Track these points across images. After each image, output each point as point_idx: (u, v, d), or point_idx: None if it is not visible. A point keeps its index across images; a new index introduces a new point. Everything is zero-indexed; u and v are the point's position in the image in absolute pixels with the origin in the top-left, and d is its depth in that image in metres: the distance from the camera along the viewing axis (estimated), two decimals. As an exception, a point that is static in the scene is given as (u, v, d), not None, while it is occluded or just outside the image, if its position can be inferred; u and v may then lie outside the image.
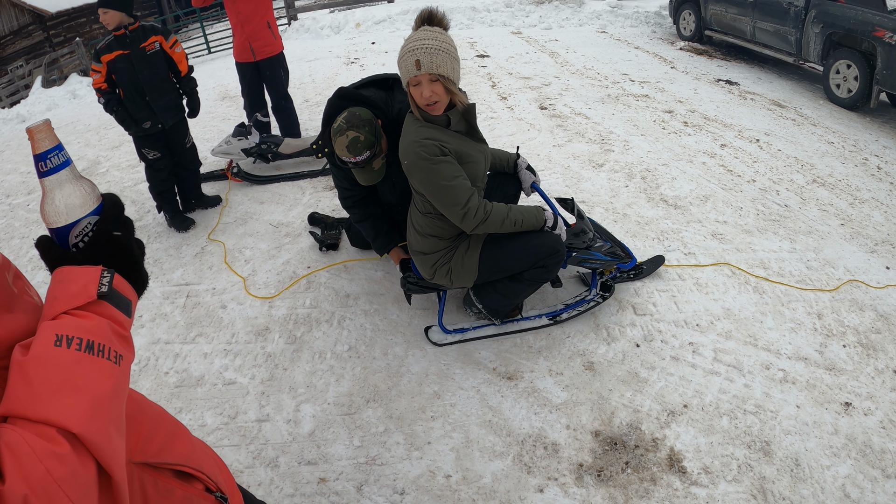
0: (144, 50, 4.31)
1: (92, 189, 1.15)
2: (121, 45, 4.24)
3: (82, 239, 1.12)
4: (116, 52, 4.23)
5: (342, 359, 3.40)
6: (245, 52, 5.66)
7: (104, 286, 1.03)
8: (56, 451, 0.84)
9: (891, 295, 3.90)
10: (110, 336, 1.00)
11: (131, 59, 4.28)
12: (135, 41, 4.27)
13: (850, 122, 7.15)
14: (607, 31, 11.55)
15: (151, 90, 4.39)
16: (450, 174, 2.80)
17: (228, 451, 2.90)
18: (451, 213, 2.87)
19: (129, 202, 5.30)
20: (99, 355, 0.96)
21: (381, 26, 12.31)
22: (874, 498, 2.62)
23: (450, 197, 2.82)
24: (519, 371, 3.25)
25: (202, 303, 3.96)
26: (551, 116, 6.85)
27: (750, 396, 3.09)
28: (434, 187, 2.81)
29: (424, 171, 2.79)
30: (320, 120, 6.82)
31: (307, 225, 4.69)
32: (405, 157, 2.86)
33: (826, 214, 4.82)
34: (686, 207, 4.81)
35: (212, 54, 12.79)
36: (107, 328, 1.00)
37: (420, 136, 2.79)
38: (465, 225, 2.88)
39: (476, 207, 2.84)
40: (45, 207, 1.11)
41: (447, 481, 2.70)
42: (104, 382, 0.95)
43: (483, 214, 2.86)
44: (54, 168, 1.10)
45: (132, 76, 4.31)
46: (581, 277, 3.92)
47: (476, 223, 2.86)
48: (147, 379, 3.37)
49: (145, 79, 4.35)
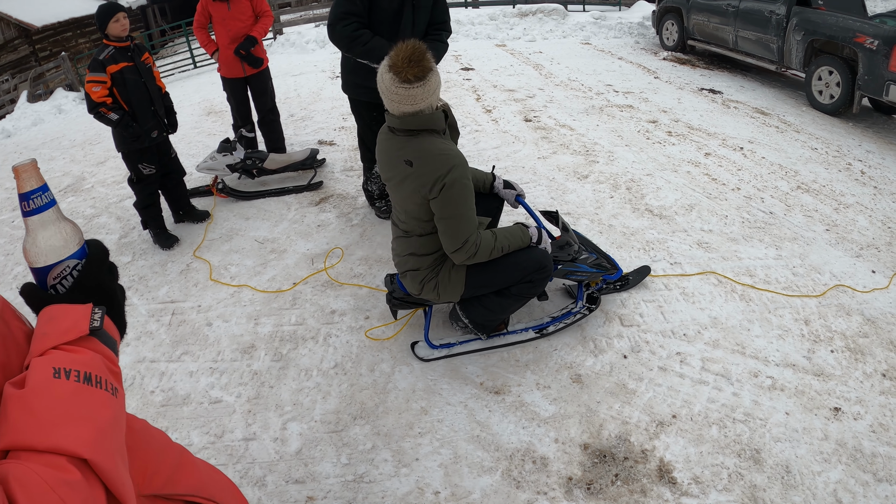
0: (145, 63, 4.36)
1: (74, 232, 1.15)
2: (124, 58, 4.22)
3: (60, 281, 1.12)
4: (123, 64, 4.20)
5: (328, 376, 3.37)
6: (236, 68, 5.67)
7: (96, 321, 1.03)
8: (67, 479, 0.83)
9: (877, 299, 3.91)
10: (104, 370, 1.00)
11: (139, 70, 4.29)
12: (136, 54, 4.30)
13: (833, 128, 7.21)
14: (591, 43, 11.63)
15: (156, 100, 4.45)
16: (471, 202, 2.80)
17: (215, 471, 2.86)
18: (449, 242, 2.84)
19: (114, 219, 5.26)
20: (97, 386, 0.96)
21: (366, 39, 12.30)
22: (866, 502, 2.62)
23: (461, 226, 2.79)
24: (506, 385, 3.23)
25: (188, 320, 3.92)
26: (536, 128, 6.87)
27: (739, 405, 3.09)
28: (453, 211, 2.77)
29: (459, 191, 2.74)
30: (306, 134, 6.89)
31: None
32: (446, 176, 2.72)
33: (811, 220, 4.84)
34: (671, 217, 4.82)
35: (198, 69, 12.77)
36: (100, 362, 1.00)
37: (457, 153, 2.78)
38: (456, 256, 2.86)
39: (472, 244, 2.82)
40: (26, 246, 1.11)
41: (436, 498, 2.67)
42: (104, 412, 0.95)
43: (474, 249, 2.84)
44: (38, 208, 1.11)
45: (142, 87, 4.32)
46: (567, 290, 3.91)
47: (466, 257, 2.85)
48: (133, 398, 3.32)
49: (153, 89, 4.41)
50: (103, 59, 4.16)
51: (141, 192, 4.63)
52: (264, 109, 5.98)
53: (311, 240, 4.68)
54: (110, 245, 4.76)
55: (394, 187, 2.96)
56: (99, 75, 4.16)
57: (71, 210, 5.53)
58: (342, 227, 4.82)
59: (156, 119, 4.47)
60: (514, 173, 5.64)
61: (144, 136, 4.39)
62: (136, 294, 4.18)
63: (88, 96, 4.19)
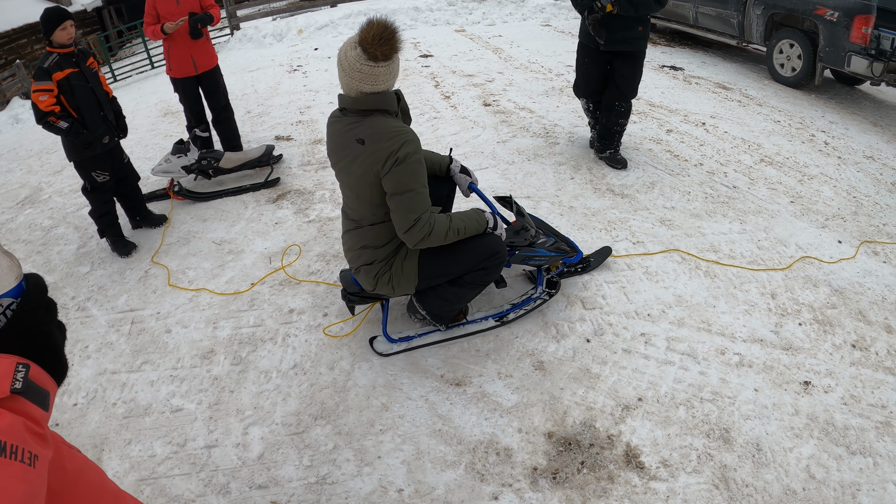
0: (90, 68, 4.23)
1: (11, 267, 1.06)
2: (69, 64, 4.08)
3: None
4: (68, 70, 4.07)
5: (288, 377, 3.30)
6: (187, 66, 5.56)
7: (18, 382, 0.96)
8: None
9: (844, 269, 3.90)
10: (24, 435, 0.92)
11: (86, 75, 4.16)
12: (81, 59, 4.17)
13: (796, 100, 7.22)
14: (551, 25, 11.58)
15: (105, 105, 4.32)
16: (423, 179, 2.75)
17: (179, 481, 2.79)
18: (402, 220, 2.77)
19: (72, 229, 5.13)
20: (12, 458, 0.88)
21: (324, 31, 12.17)
22: (840, 476, 2.61)
23: (414, 202, 2.73)
24: (467, 376, 3.18)
25: (147, 328, 3.82)
26: (495, 112, 6.80)
27: (706, 384, 3.06)
28: (406, 187, 2.72)
29: (410, 167, 2.69)
30: (263, 131, 6.77)
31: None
32: (397, 151, 2.67)
33: (775, 193, 4.82)
34: (633, 196, 4.78)
35: (155, 69, 12.56)
36: (21, 427, 0.92)
37: (407, 129, 2.74)
38: (409, 236, 2.79)
39: (425, 221, 2.76)
40: None
41: (399, 496, 2.62)
42: (17, 487, 0.87)
43: (428, 228, 2.77)
44: None
45: (90, 93, 4.20)
46: (527, 275, 3.85)
47: (421, 237, 2.78)
48: (95, 412, 3.23)
49: (100, 94, 4.29)
50: (48, 67, 4.02)
51: (96, 201, 4.51)
52: (218, 108, 5.88)
53: (268, 238, 4.59)
54: (69, 256, 4.66)
55: (344, 169, 2.89)
56: (45, 84, 4.02)
57: (29, 222, 5.38)
58: (299, 223, 4.74)
59: (106, 124, 4.35)
60: (473, 159, 5.58)
61: (96, 143, 4.27)
62: (96, 305, 4.08)
63: (36, 106, 4.04)
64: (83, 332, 3.81)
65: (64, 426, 3.14)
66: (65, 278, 4.39)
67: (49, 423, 3.12)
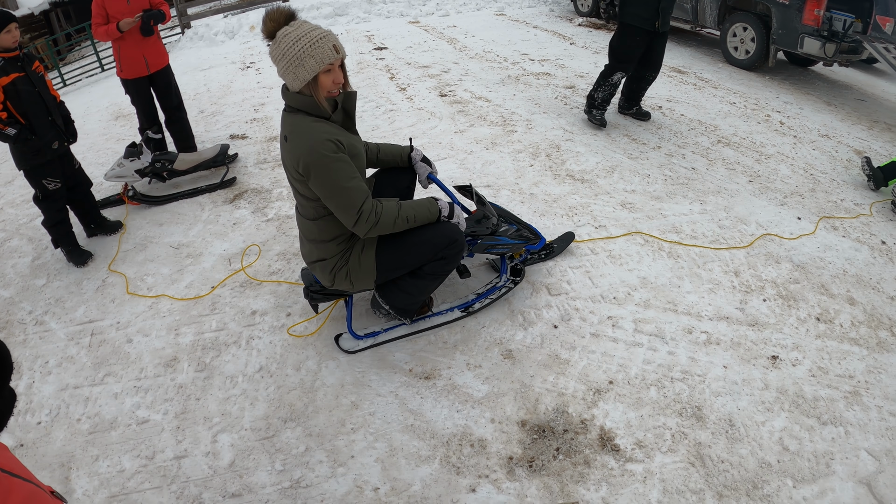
0: (36, 72, 4.08)
1: None
2: (14, 68, 3.93)
3: None
4: (14, 75, 3.91)
5: (254, 381, 3.23)
6: (139, 66, 5.41)
7: None
8: None
9: (805, 244, 3.96)
10: None
11: (32, 79, 4.01)
12: (27, 63, 4.02)
13: (751, 82, 7.32)
14: (505, 14, 11.58)
15: (52, 110, 4.17)
16: (348, 174, 2.68)
17: (151, 495, 2.71)
18: (345, 217, 2.74)
19: (25, 240, 4.96)
20: None
21: (277, 28, 11.99)
22: (813, 447, 2.65)
23: (347, 199, 2.69)
24: (436, 369, 3.14)
25: (108, 339, 3.71)
26: (452, 103, 6.75)
27: (675, 363, 3.08)
28: (332, 189, 2.67)
29: (325, 169, 2.64)
30: (217, 130, 6.64)
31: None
32: (304, 156, 2.65)
33: (734, 173, 4.87)
34: (593, 181, 4.79)
35: (105, 72, 12.25)
36: None
37: (318, 132, 2.64)
38: (358, 229, 2.76)
39: (369, 211, 2.72)
40: None
41: (375, 494, 2.59)
42: None
43: (374, 217, 2.74)
44: None
45: (37, 98, 4.04)
46: (491, 264, 3.83)
47: (369, 227, 2.75)
48: (60, 429, 3.12)
49: (48, 98, 4.13)
50: None
51: (48, 210, 4.37)
52: (170, 108, 5.73)
53: (226, 240, 4.48)
54: (24, 269, 4.50)
55: (282, 163, 2.90)
56: None
57: (-20, 238, 5.20)
58: (258, 223, 4.64)
59: (55, 129, 4.20)
60: (431, 150, 5.53)
61: (46, 149, 4.13)
62: (54, 318, 3.94)
63: None
64: (42, 348, 3.68)
65: (29, 446, 3.03)
66: (21, 292, 4.24)
67: (13, 444, 3.00)
